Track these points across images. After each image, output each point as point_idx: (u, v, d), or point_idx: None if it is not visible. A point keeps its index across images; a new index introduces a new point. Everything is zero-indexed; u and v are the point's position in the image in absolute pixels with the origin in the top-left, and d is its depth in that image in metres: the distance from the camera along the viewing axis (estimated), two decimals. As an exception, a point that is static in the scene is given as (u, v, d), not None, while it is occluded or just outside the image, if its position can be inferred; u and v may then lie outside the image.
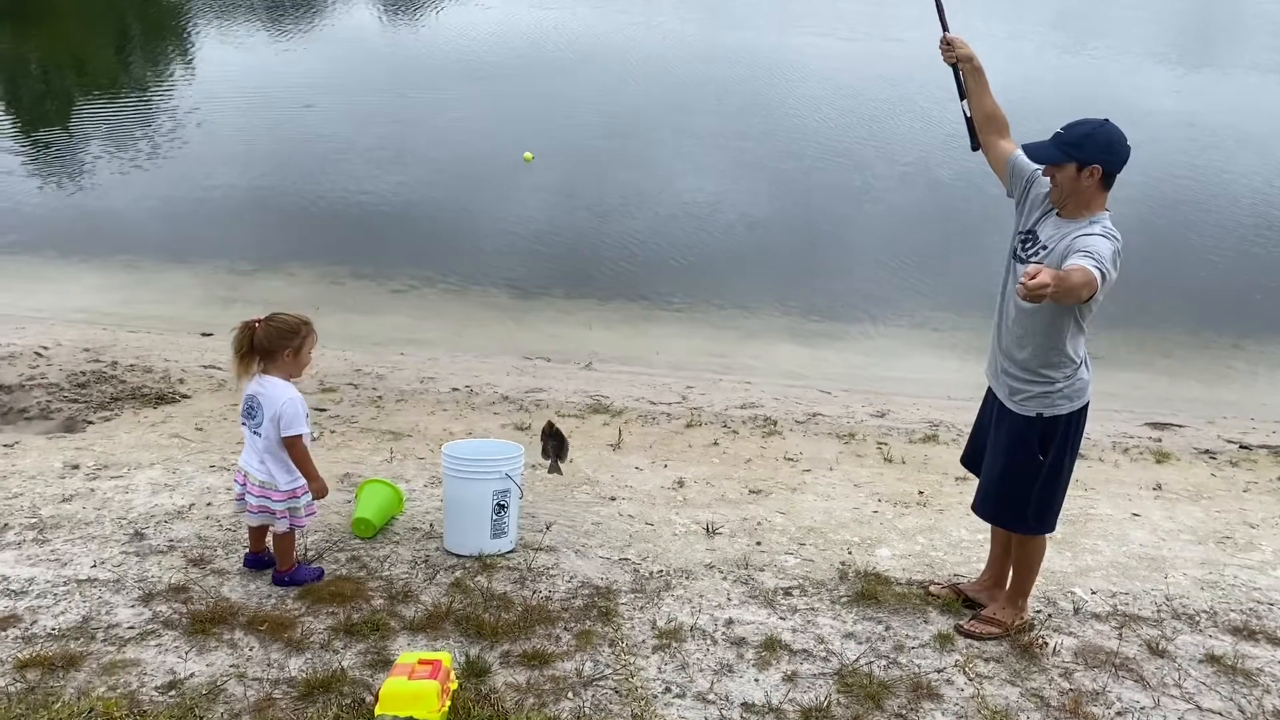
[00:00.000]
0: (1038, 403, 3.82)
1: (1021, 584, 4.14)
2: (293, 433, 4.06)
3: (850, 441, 6.47)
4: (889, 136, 15.30)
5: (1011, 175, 3.97)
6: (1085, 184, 3.66)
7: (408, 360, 7.73)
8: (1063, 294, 3.39)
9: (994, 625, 4.07)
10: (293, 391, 4.10)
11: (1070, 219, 3.72)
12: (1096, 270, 3.44)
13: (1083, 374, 3.83)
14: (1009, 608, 4.12)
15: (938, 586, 4.40)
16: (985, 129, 4.03)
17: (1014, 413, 3.88)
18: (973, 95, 4.03)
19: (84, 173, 12.94)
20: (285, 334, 4.07)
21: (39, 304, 8.63)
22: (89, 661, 3.58)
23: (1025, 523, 3.99)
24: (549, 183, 12.82)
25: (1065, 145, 3.66)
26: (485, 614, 3.96)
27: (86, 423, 5.93)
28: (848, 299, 10.34)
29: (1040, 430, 3.83)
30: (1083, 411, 3.87)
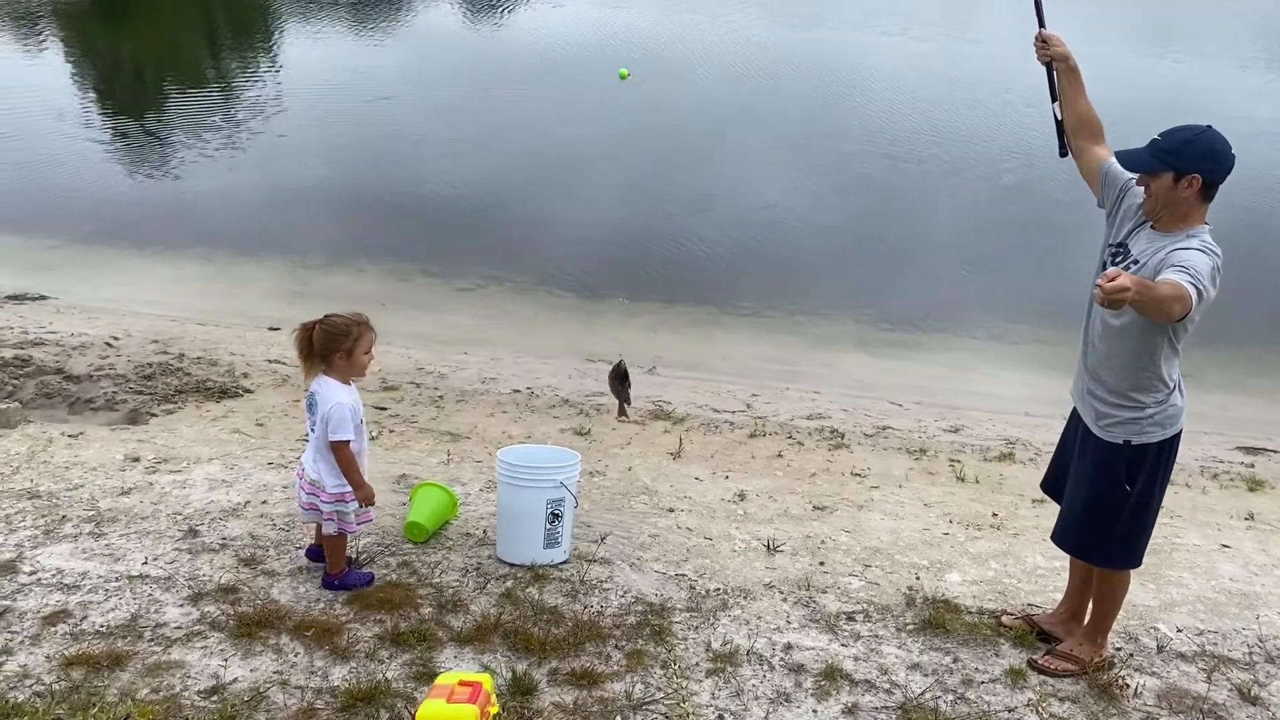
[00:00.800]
0: (1125, 429, 3.57)
1: (1102, 620, 3.89)
2: (338, 438, 3.98)
3: (921, 458, 6.23)
4: (969, 140, 14.90)
5: (1103, 184, 3.72)
6: (1183, 195, 3.41)
7: (470, 360, 7.66)
8: (1148, 305, 3.16)
9: (1070, 662, 3.83)
10: (344, 395, 4.02)
11: (1165, 232, 3.47)
12: (1191, 287, 3.19)
13: (1175, 399, 3.57)
14: (1087, 644, 3.87)
15: (1010, 617, 4.17)
16: (1077, 133, 3.79)
17: (1100, 439, 3.63)
18: (1066, 97, 3.79)
19: (165, 166, 13.19)
20: (335, 337, 3.99)
21: (112, 295, 8.76)
22: (134, 661, 3.53)
23: (1109, 557, 3.75)
24: (620, 183, 12.72)
25: (1161, 152, 3.41)
26: (535, 628, 3.84)
27: (150, 415, 5.95)
28: (923, 308, 10.04)
29: (1128, 459, 3.58)
30: (1175, 440, 3.62)
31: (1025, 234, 11.91)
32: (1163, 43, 22.23)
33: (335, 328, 4.00)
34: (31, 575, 4.03)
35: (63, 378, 6.38)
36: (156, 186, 12.44)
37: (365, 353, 4.06)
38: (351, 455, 4.03)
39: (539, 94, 16.36)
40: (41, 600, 3.86)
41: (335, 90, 16.09)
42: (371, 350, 4.10)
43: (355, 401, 4.07)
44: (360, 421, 4.09)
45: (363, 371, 4.12)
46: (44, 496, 4.73)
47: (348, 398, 4.03)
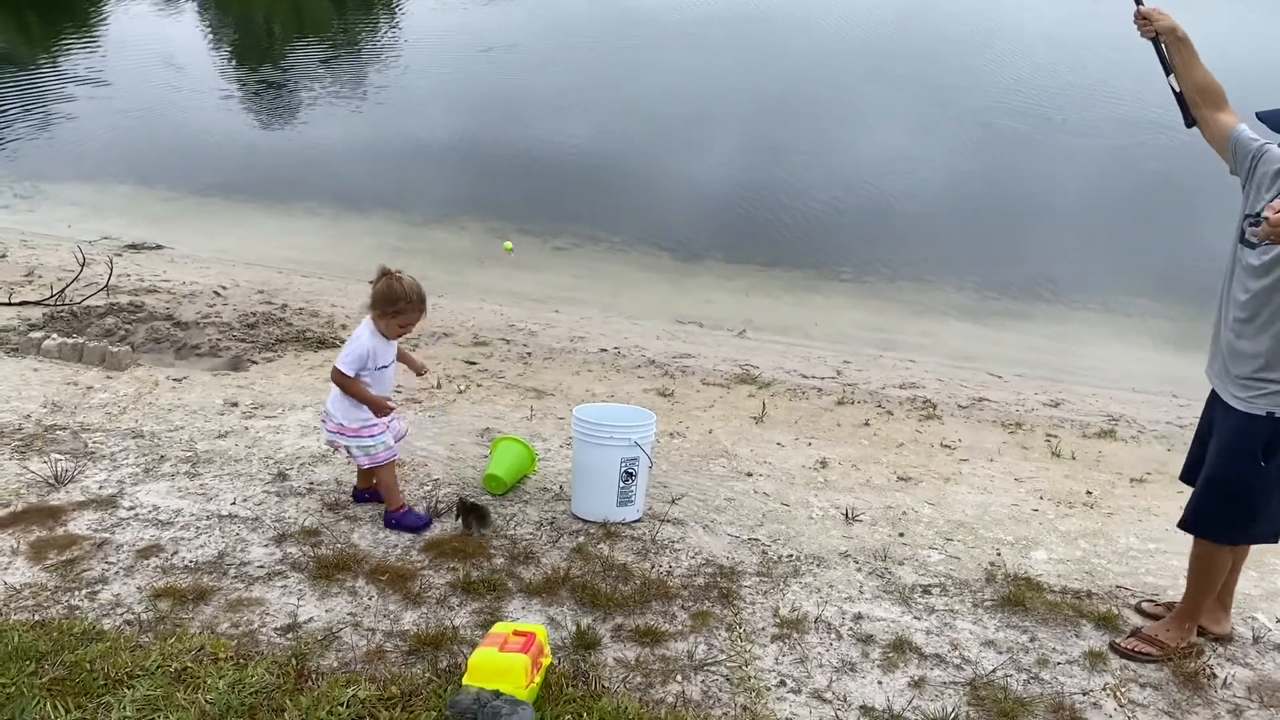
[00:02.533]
0: (1269, 401, 3.38)
1: (1193, 602, 3.71)
2: (340, 366, 4.12)
3: (1016, 431, 6.03)
4: (1091, 103, 14.27)
5: (1235, 152, 3.52)
6: None
7: (561, 318, 7.72)
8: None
9: (1154, 646, 3.67)
10: (366, 336, 4.15)
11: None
12: None
13: None
14: (1174, 628, 3.70)
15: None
16: (1199, 103, 3.60)
17: (1239, 411, 3.45)
18: (1180, 68, 3.60)
19: (281, 121, 13.60)
20: (387, 296, 4.12)
21: (224, 246, 9.09)
22: (218, 597, 3.67)
23: (1231, 532, 3.57)
24: (726, 142, 12.59)
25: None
26: (603, 583, 3.85)
27: (251, 362, 6.16)
28: (1034, 277, 9.70)
29: (1269, 432, 3.39)
30: None
31: (1150, 204, 11.38)
32: None
33: (393, 290, 4.12)
34: (130, 510, 4.22)
35: (172, 324, 6.65)
36: (273, 141, 12.85)
37: (401, 325, 4.18)
38: (350, 381, 4.13)
39: (650, 58, 16.26)
40: (137, 534, 4.04)
41: (450, 51, 16.30)
42: (410, 328, 4.22)
43: (376, 346, 4.16)
44: (380, 366, 4.19)
45: (393, 335, 4.23)
46: (147, 436, 4.94)
47: (368, 340, 4.15)
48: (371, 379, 4.21)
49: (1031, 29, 18.24)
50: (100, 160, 11.67)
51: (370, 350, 4.15)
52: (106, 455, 4.69)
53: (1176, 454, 4.99)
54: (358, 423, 4.20)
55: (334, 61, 16.36)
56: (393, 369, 4.33)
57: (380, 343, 4.19)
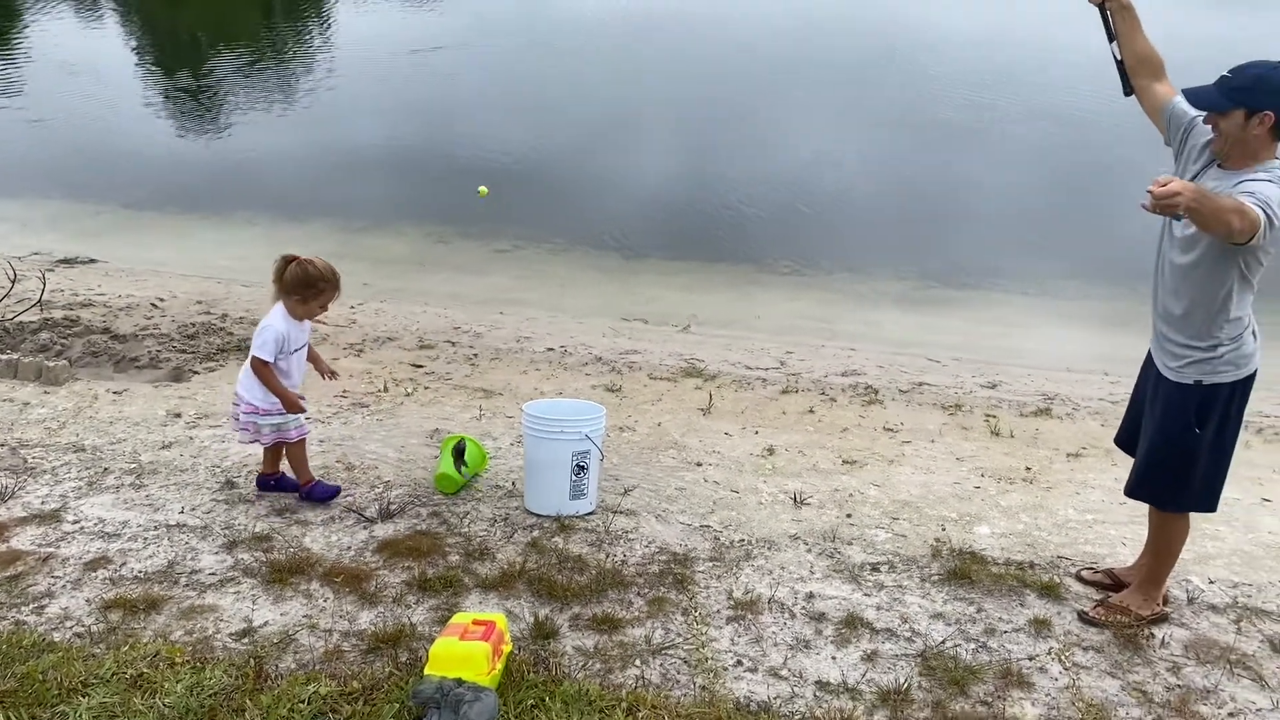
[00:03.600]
0: (1197, 369, 3.50)
1: (1157, 569, 3.83)
2: (257, 354, 4.22)
3: (956, 413, 6.17)
4: (1016, 90, 14.59)
5: (1169, 122, 3.62)
6: (1254, 133, 3.31)
7: (506, 319, 7.72)
8: (1206, 215, 3.08)
9: (1122, 614, 3.78)
10: (278, 321, 4.25)
11: (1235, 171, 3.36)
12: (1258, 209, 3.12)
13: (1249, 339, 3.50)
14: (1139, 595, 3.83)
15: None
16: (1139, 72, 3.69)
17: (1171, 381, 3.57)
18: (1123, 36, 3.68)
19: (212, 131, 13.40)
20: (303, 281, 4.22)
21: (161, 258, 8.95)
22: (170, 605, 3.64)
23: (1177, 500, 3.70)
24: (661, 143, 12.67)
25: (1233, 90, 3.32)
26: (559, 575, 3.89)
27: (192, 372, 6.09)
28: (968, 265, 9.91)
29: (1199, 399, 3.51)
30: (1248, 381, 3.54)
31: (1077, 189, 11.67)
32: None
33: (308, 274, 4.22)
34: (75, 524, 4.16)
35: (109, 337, 6.55)
36: (204, 152, 12.66)
37: (321, 307, 4.30)
38: (269, 373, 4.25)
39: (584, 58, 16.30)
40: (83, 548, 3.99)
41: (383, 57, 16.18)
42: (328, 308, 4.34)
43: (288, 330, 4.27)
44: (290, 350, 4.30)
45: (309, 317, 4.36)
46: (88, 450, 4.87)
47: (280, 324, 4.25)
48: (287, 363, 4.33)
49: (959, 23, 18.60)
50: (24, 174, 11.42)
51: (285, 334, 4.26)
52: (47, 470, 4.61)
53: (1110, 429, 5.15)
54: (273, 402, 4.28)
55: (263, 68, 16.16)
56: (304, 353, 4.44)
57: (293, 326, 4.31)
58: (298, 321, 4.33)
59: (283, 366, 4.30)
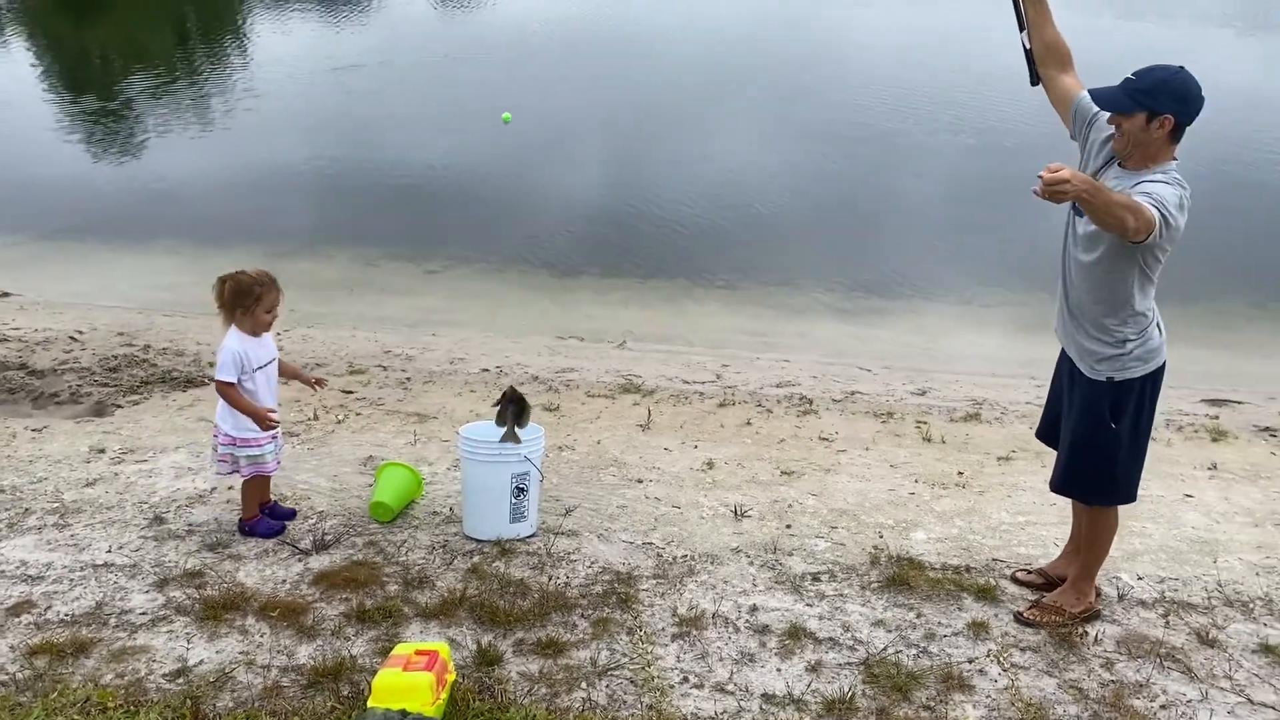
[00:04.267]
0: (1109, 366, 3.61)
1: (1088, 566, 3.92)
2: (218, 378, 4.20)
3: (888, 420, 6.26)
4: (939, 107, 14.91)
5: (1075, 115, 3.71)
6: (1154, 135, 3.41)
7: (439, 341, 7.65)
8: (1098, 208, 3.16)
9: (1055, 613, 3.86)
10: (233, 341, 4.22)
11: (1134, 171, 3.47)
12: (1154, 209, 3.22)
13: (1154, 333, 3.60)
14: (1072, 592, 3.91)
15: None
16: (1046, 61, 3.77)
17: (1086, 377, 3.67)
18: (1033, 25, 3.75)
19: (130, 159, 13.09)
20: (241, 293, 4.19)
21: (79, 289, 8.70)
22: (99, 648, 3.54)
23: (1099, 493, 3.80)
24: (590, 160, 12.69)
25: (1136, 93, 3.40)
26: (501, 601, 3.86)
27: (115, 406, 5.93)
28: (894, 275, 10.07)
29: (1112, 396, 3.62)
30: (1157, 374, 3.65)
31: (994, 198, 11.93)
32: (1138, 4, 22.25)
33: (240, 285, 4.20)
34: (-5, 568, 4.02)
35: (26, 373, 6.35)
36: (122, 178, 12.35)
37: (267, 311, 4.25)
38: (235, 393, 4.21)
39: (509, 74, 16.27)
40: (4, 592, 3.86)
41: (302, 76, 15.98)
42: (275, 310, 4.29)
43: (245, 347, 4.23)
44: (254, 368, 4.25)
45: (265, 327, 4.31)
46: (7, 490, 4.71)
47: (237, 344, 4.21)
48: (254, 383, 4.26)
49: (882, 35, 18.97)
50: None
51: (242, 352, 4.21)
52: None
53: (1038, 431, 5.26)
54: (249, 431, 4.23)
55: (179, 90, 15.83)
56: (273, 368, 4.37)
57: (250, 343, 4.26)
58: (255, 337, 4.27)
59: (249, 386, 4.24)
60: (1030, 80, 3.82)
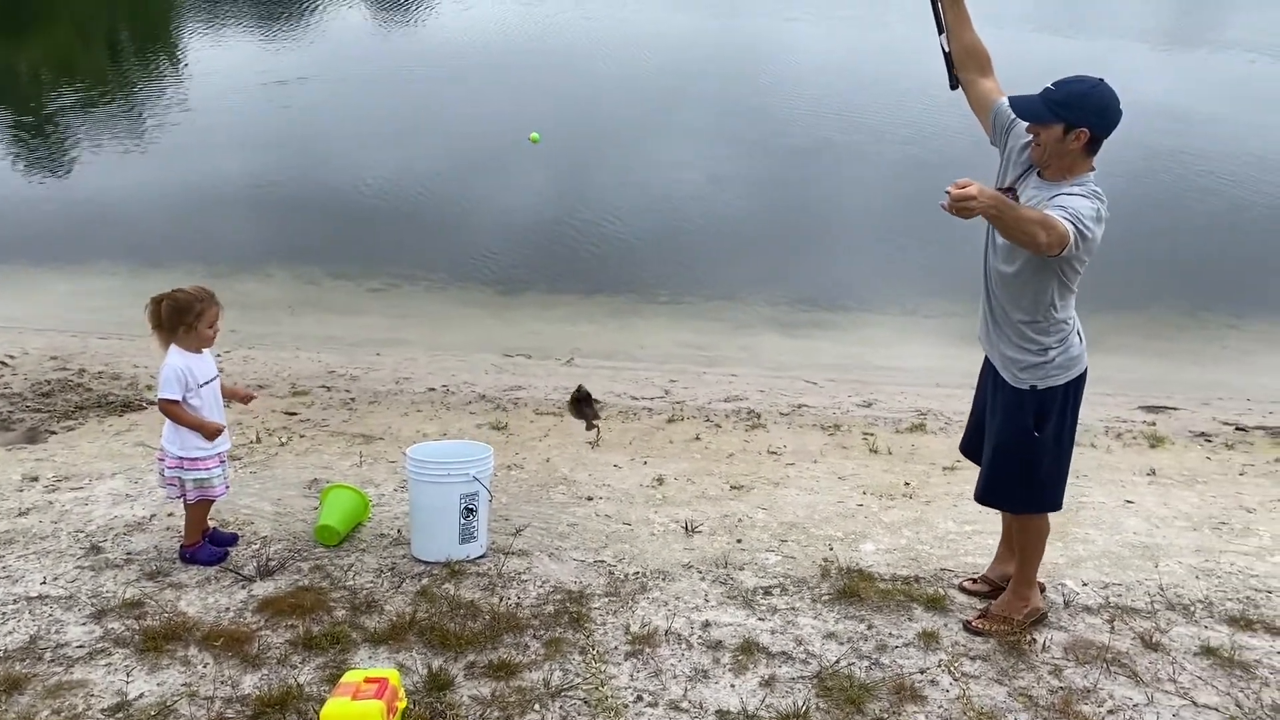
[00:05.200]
0: (1031, 374, 3.63)
1: (1024, 572, 3.95)
2: (162, 396, 4.12)
3: (835, 433, 6.31)
4: (877, 123, 15.12)
5: (994, 121, 3.73)
6: (1071, 147, 3.43)
7: (384, 361, 7.56)
8: (1007, 223, 3.18)
9: (1003, 621, 3.87)
10: (174, 358, 4.15)
11: (1053, 181, 3.49)
12: (1068, 223, 3.25)
13: (1074, 341, 3.63)
14: (1014, 599, 3.94)
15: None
16: (965, 66, 3.78)
17: (1009, 386, 3.69)
18: (952, 29, 3.77)
19: (63, 178, 12.78)
20: (180, 311, 4.14)
21: (9, 313, 8.46)
22: (34, 684, 3.42)
23: (1025, 501, 3.82)
24: (532, 177, 12.65)
25: (1054, 104, 3.41)
26: (451, 623, 3.80)
27: (49, 433, 5.77)
28: (837, 288, 10.18)
29: (1035, 404, 3.64)
30: (1079, 381, 3.68)
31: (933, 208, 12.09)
32: (1059, 18, 22.80)
33: (179, 302, 4.14)
34: (-78, 603, 3.87)
35: (-46, 400, 6.15)
36: (54, 199, 12.06)
37: (209, 326, 4.21)
38: (179, 410, 4.14)
39: (449, 90, 16.20)
40: (-67, 628, 3.72)
41: (242, 94, 15.74)
42: (216, 324, 4.24)
43: (188, 364, 4.16)
44: (198, 384, 4.19)
45: (208, 343, 4.26)
46: (-65, 522, 4.55)
47: (178, 360, 4.15)
48: (200, 400, 4.20)
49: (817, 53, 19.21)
50: None
51: (184, 369, 4.14)
52: (-111, 547, 4.28)
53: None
54: (197, 451, 4.17)
55: (113, 106, 15.50)
56: (216, 384, 4.32)
57: (193, 359, 4.20)
58: (196, 354, 4.21)
59: (195, 404, 4.18)
60: (949, 84, 3.83)
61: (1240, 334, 9.37)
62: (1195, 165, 13.54)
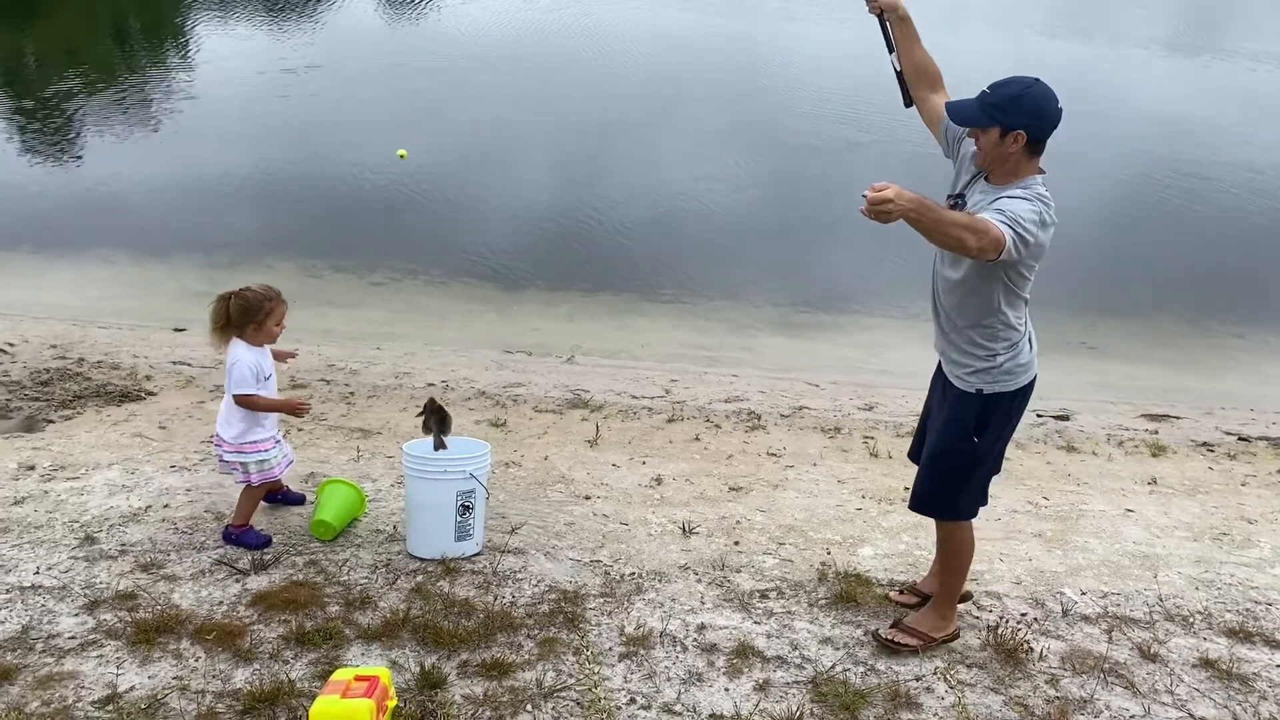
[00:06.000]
0: (979, 378, 3.53)
1: (948, 588, 3.80)
2: (239, 392, 4.26)
3: (836, 436, 6.29)
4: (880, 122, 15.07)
5: (945, 133, 3.68)
6: (1010, 150, 3.35)
7: (383, 355, 7.54)
8: (928, 226, 3.03)
9: (914, 636, 3.75)
10: (244, 353, 4.29)
11: (999, 185, 3.40)
12: (1005, 227, 3.13)
13: (1024, 348, 3.53)
14: (933, 615, 3.80)
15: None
16: (917, 83, 3.75)
17: (955, 388, 3.60)
18: (902, 48, 3.76)
19: (66, 165, 12.75)
20: (249, 309, 4.28)
21: (9, 300, 8.42)
22: (24, 674, 3.40)
23: (942, 505, 3.73)
24: (537, 174, 12.63)
25: (989, 107, 3.34)
26: (445, 621, 3.78)
27: (47, 422, 5.74)
28: (838, 290, 10.13)
29: (979, 408, 3.54)
30: (1027, 390, 3.58)
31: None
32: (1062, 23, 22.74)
33: (249, 301, 4.28)
34: (-86, 591, 3.86)
35: (-48, 386, 6.13)
36: (56, 187, 12.01)
37: (276, 324, 4.37)
38: (258, 399, 4.31)
39: (455, 84, 16.17)
40: (-75, 616, 3.70)
41: (247, 85, 15.72)
42: (283, 322, 4.39)
43: (257, 359, 4.32)
44: (266, 376, 4.37)
45: (272, 340, 4.42)
46: (-70, 509, 4.53)
47: (249, 355, 4.29)
48: (266, 390, 4.35)
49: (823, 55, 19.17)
50: None
51: (255, 363, 4.31)
52: (-117, 534, 4.27)
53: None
54: (255, 435, 4.33)
55: (118, 94, 15.44)
56: (275, 378, 4.48)
57: (259, 354, 4.36)
58: (260, 348, 4.37)
59: (263, 395, 4.35)
60: (904, 102, 3.81)
61: (1245, 344, 9.33)
62: (1200, 174, 13.50)
